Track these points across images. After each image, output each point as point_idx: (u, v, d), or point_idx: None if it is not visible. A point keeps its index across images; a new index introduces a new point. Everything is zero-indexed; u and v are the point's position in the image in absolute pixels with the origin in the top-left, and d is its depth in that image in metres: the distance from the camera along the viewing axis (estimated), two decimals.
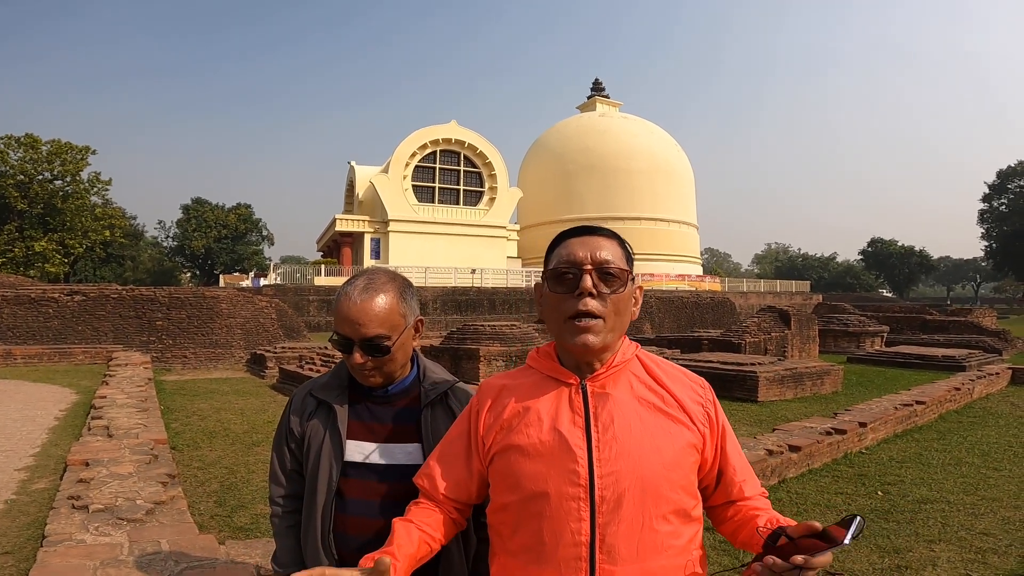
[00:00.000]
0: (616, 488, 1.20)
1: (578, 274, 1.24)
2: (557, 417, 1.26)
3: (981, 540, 4.19)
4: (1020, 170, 63.18)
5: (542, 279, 1.34)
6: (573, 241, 1.29)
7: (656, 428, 1.25)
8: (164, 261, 66.81)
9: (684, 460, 1.25)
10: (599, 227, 1.33)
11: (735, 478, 1.33)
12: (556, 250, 1.32)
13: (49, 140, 42.06)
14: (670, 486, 1.22)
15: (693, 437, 1.27)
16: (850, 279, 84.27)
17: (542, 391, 1.31)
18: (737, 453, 1.35)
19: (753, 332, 14.55)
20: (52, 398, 9.49)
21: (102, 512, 3.54)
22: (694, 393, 1.32)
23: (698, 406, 1.30)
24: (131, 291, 16.27)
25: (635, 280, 1.30)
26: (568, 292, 1.25)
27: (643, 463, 1.21)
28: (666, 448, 1.23)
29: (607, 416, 1.24)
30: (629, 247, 1.33)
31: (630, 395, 1.27)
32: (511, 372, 1.42)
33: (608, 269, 1.25)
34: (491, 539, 1.38)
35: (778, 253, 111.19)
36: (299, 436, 1.60)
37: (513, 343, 12.25)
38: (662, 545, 1.21)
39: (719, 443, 1.32)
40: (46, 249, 40.32)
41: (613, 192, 46.35)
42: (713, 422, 1.31)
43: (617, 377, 1.29)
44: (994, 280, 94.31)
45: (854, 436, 6.65)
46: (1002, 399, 10.29)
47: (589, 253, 1.25)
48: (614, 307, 1.25)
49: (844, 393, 10.83)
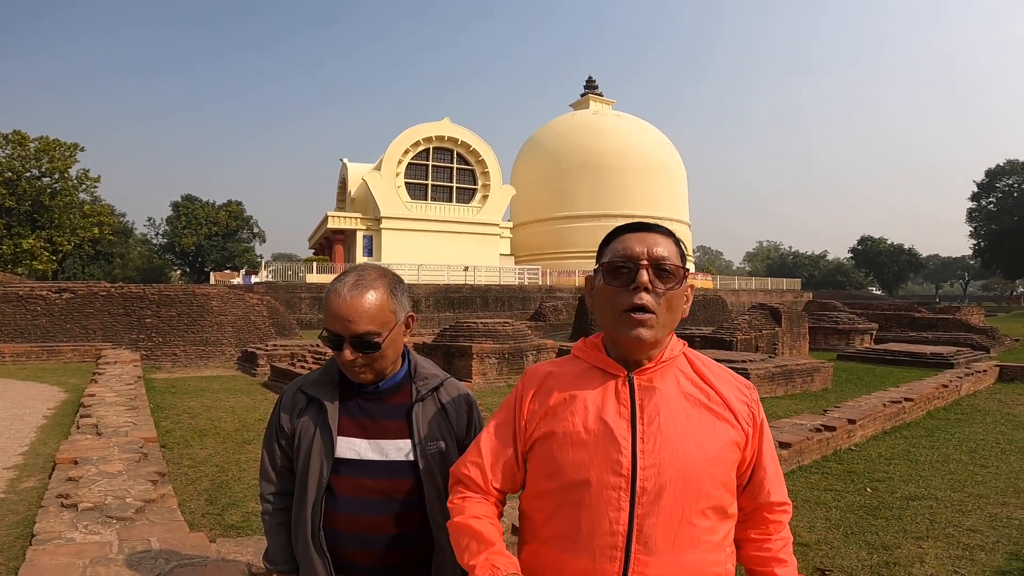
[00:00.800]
0: (658, 480, 1.21)
1: (634, 269, 1.25)
2: (603, 407, 1.27)
3: (968, 537, 4.22)
4: (1009, 169, 63.74)
5: (595, 272, 1.35)
6: (630, 236, 1.30)
7: (701, 424, 1.26)
8: (154, 259, 66.33)
9: (726, 457, 1.27)
10: (656, 224, 1.33)
11: (765, 481, 1.35)
12: (611, 244, 1.33)
13: (37, 137, 41.66)
14: (711, 481, 1.24)
15: (736, 435, 1.29)
16: (840, 277, 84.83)
17: (588, 381, 1.31)
18: (772, 457, 1.37)
19: (744, 329, 14.61)
20: (41, 396, 9.41)
21: (91, 510, 3.51)
22: (739, 392, 1.33)
23: (743, 405, 1.32)
24: (120, 288, 16.14)
25: (688, 278, 1.31)
26: (623, 286, 1.26)
27: (686, 457, 1.22)
28: (709, 444, 1.25)
29: (653, 409, 1.25)
30: (683, 245, 1.34)
31: (676, 390, 1.29)
32: (557, 360, 1.42)
33: (664, 265, 1.26)
34: (521, 526, 1.39)
35: (769, 251, 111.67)
36: (289, 433, 1.59)
37: (506, 340, 12.25)
38: (698, 540, 1.23)
39: (759, 444, 1.34)
40: (34, 246, 39.93)
41: (606, 190, 46.41)
42: (756, 422, 1.33)
43: (664, 372, 1.30)
44: (982, 278, 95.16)
45: (843, 433, 6.70)
46: (989, 396, 10.39)
47: (646, 248, 1.26)
48: (667, 303, 1.26)
49: (834, 390, 10.89)
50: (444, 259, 38.41)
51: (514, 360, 11.86)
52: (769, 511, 1.36)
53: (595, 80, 54.81)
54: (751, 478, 1.35)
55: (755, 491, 1.35)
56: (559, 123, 51.44)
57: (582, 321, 21.10)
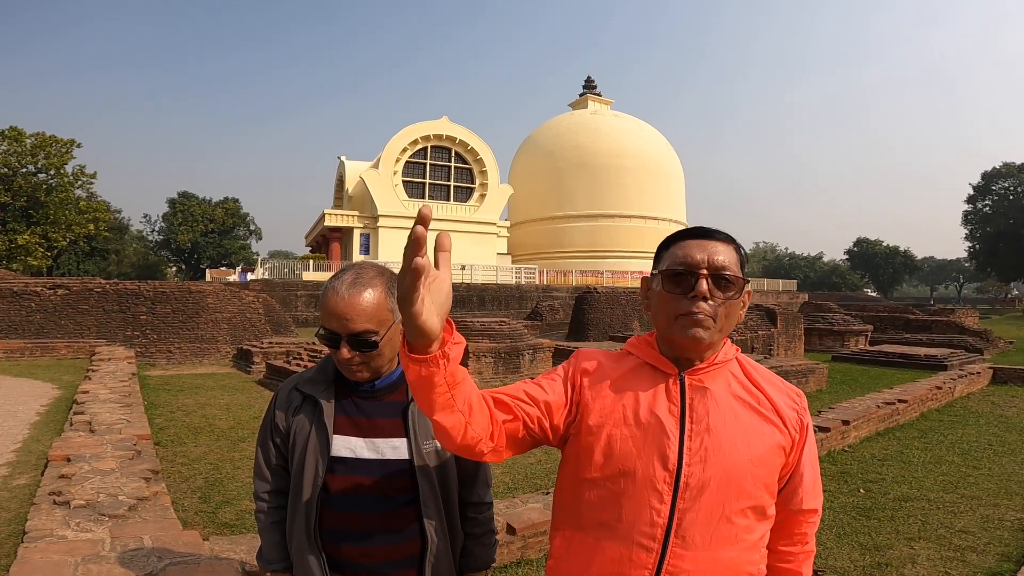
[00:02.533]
0: (702, 476, 1.22)
1: (695, 277, 1.25)
2: (654, 402, 1.27)
3: (960, 538, 4.24)
4: (1004, 171, 63.96)
5: (652, 275, 1.34)
6: (691, 243, 1.29)
7: (749, 425, 1.27)
8: (149, 255, 66.11)
9: (771, 459, 1.28)
10: (717, 231, 1.32)
11: (800, 488, 1.35)
12: (671, 249, 1.32)
13: (34, 133, 41.45)
14: (754, 482, 1.25)
15: (783, 439, 1.30)
16: (836, 278, 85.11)
17: (640, 376, 1.32)
18: (812, 465, 1.37)
19: (740, 330, 14.64)
20: (34, 393, 9.36)
21: (84, 508, 3.50)
22: (789, 399, 1.34)
23: (792, 412, 1.33)
24: (115, 285, 16.06)
25: (747, 285, 1.31)
26: (682, 293, 1.26)
27: (731, 456, 1.23)
28: (756, 445, 1.26)
29: (703, 408, 1.26)
30: (744, 252, 1.33)
31: (727, 392, 1.29)
32: (607, 352, 1.41)
33: (724, 275, 1.25)
34: (555, 513, 1.39)
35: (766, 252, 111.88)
36: (284, 431, 1.59)
37: (502, 339, 12.25)
38: (736, 538, 1.24)
39: (801, 449, 1.35)
40: (29, 242, 39.73)
41: (604, 190, 46.44)
42: (803, 429, 1.34)
43: (716, 374, 1.31)
44: (977, 280, 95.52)
45: (837, 434, 6.72)
46: (983, 398, 10.43)
47: (707, 256, 1.26)
48: (725, 311, 1.26)
49: (828, 391, 10.93)
50: None
51: (510, 359, 11.86)
52: (800, 517, 1.37)
53: (594, 80, 54.86)
54: (788, 482, 1.36)
55: (789, 496, 1.36)
56: (557, 122, 51.44)
57: (579, 320, 21.10)
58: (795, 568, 1.37)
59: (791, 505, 1.36)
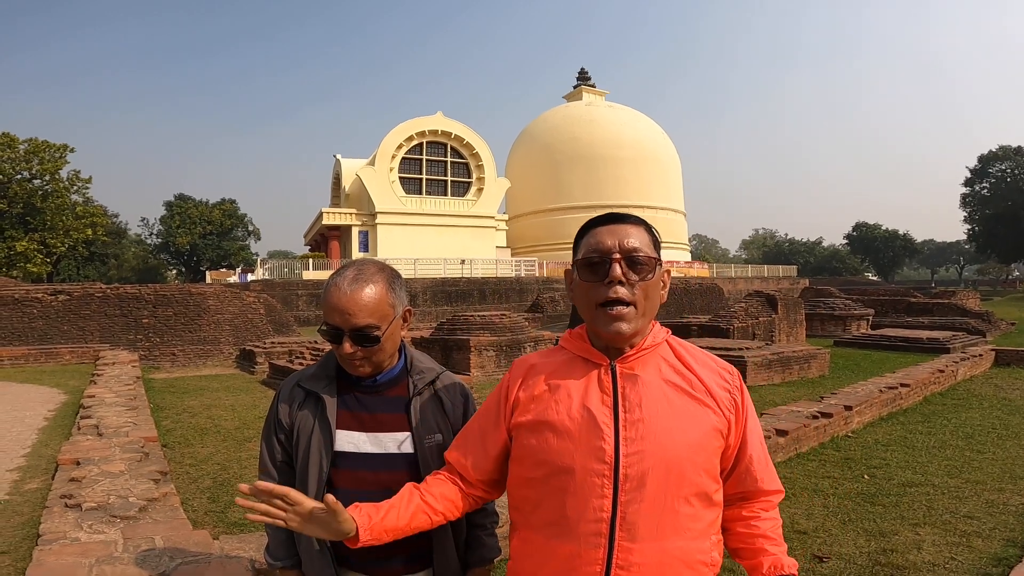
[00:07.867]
0: (640, 467, 1.22)
1: (607, 263, 1.26)
2: (586, 396, 1.28)
3: (965, 523, 4.23)
4: (1001, 154, 63.84)
5: (572, 267, 1.36)
6: (601, 230, 1.31)
7: (683, 410, 1.27)
8: (149, 259, 66.08)
9: (709, 443, 1.27)
10: (626, 214, 1.34)
11: (752, 468, 1.35)
12: (584, 239, 1.33)
13: (26, 139, 41.35)
14: (694, 468, 1.25)
15: (718, 421, 1.29)
16: (836, 263, 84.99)
17: (572, 370, 1.33)
18: (758, 443, 1.37)
19: (741, 317, 14.65)
20: (40, 398, 9.39)
21: (95, 510, 3.53)
22: (721, 379, 1.34)
23: (724, 392, 1.32)
24: (116, 289, 16.09)
25: (662, 265, 1.32)
26: (598, 280, 1.27)
27: (668, 444, 1.23)
28: (692, 430, 1.26)
29: (635, 397, 1.26)
30: (656, 233, 1.35)
31: (658, 377, 1.30)
32: (543, 351, 1.44)
33: (636, 257, 1.27)
34: (512, 515, 1.41)
35: (765, 238, 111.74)
36: (288, 427, 1.61)
37: (503, 333, 12.26)
38: (682, 527, 1.24)
39: (743, 431, 1.34)
40: (27, 249, 39.76)
41: (600, 180, 46.37)
42: (739, 408, 1.33)
43: (646, 360, 1.31)
44: (977, 262, 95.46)
45: (840, 420, 6.73)
46: (985, 381, 10.43)
47: (617, 241, 1.27)
48: (643, 293, 1.28)
49: (831, 376, 10.94)
50: (440, 253, 38.37)
51: (512, 352, 11.88)
52: (759, 497, 1.37)
53: (588, 72, 54.64)
54: (736, 465, 1.35)
55: (742, 478, 1.36)
56: (552, 115, 51.31)
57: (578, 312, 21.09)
58: (762, 532, 1.35)
59: (747, 486, 1.35)
